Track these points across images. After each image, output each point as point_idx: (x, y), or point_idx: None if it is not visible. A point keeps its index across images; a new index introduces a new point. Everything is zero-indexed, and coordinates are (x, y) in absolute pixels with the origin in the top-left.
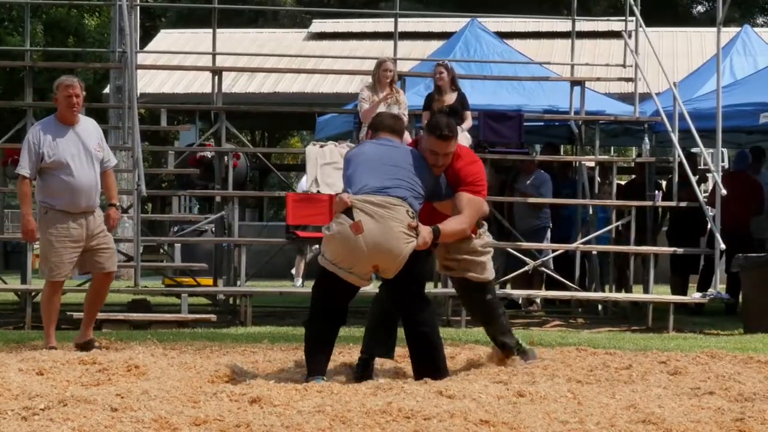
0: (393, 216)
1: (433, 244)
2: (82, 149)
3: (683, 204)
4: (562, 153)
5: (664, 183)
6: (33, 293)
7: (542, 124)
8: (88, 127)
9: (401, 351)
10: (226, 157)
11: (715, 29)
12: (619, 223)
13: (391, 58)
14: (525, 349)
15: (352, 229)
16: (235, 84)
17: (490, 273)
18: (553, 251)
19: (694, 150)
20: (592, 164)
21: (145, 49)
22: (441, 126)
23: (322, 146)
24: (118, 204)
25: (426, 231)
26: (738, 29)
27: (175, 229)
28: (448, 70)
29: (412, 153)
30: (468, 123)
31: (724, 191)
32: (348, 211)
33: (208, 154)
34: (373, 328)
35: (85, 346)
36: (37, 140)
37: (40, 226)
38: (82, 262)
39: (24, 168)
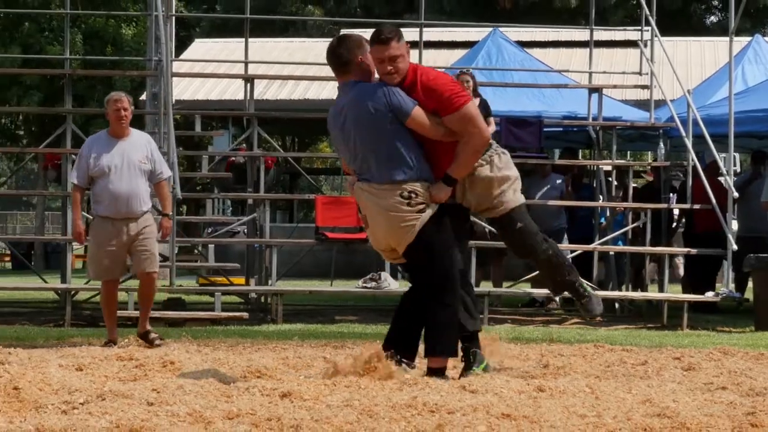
0: (383, 205)
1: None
2: (126, 160)
3: (697, 206)
4: (580, 157)
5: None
6: (72, 292)
7: (561, 129)
8: (136, 140)
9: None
10: (258, 161)
11: (727, 39)
12: (634, 224)
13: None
14: (589, 294)
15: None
16: (266, 91)
17: (511, 199)
18: (572, 252)
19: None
20: (609, 168)
21: (180, 57)
22: (378, 31)
23: None
24: (171, 214)
25: (437, 189)
26: (749, 39)
27: (209, 230)
28: (473, 77)
29: (359, 97)
30: (491, 128)
31: (736, 194)
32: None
33: (241, 159)
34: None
35: (144, 336)
36: (87, 151)
37: (89, 230)
38: (132, 264)
39: (73, 177)
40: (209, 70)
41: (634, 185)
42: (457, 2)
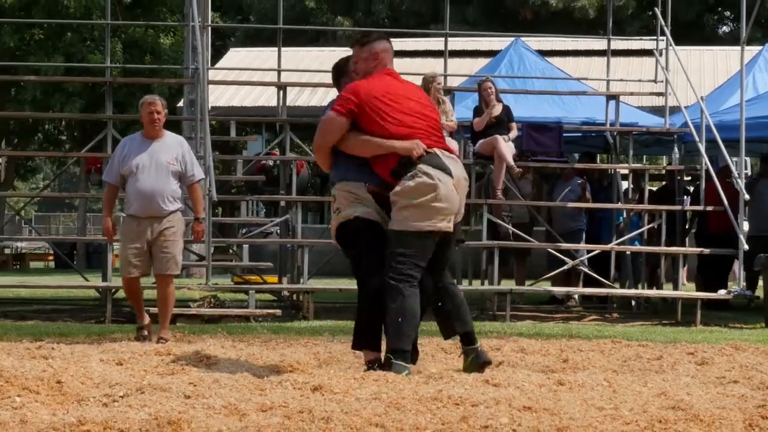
0: None
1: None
2: (154, 160)
3: (710, 208)
4: (598, 161)
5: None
6: (113, 290)
7: (580, 134)
8: (168, 142)
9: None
10: (290, 165)
11: (738, 48)
12: (650, 225)
13: (438, 74)
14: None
15: None
16: (298, 98)
17: (405, 224)
18: (590, 251)
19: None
20: (626, 171)
21: (216, 66)
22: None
23: None
24: (203, 217)
25: None
26: (760, 48)
27: (244, 231)
28: (494, 84)
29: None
30: (513, 133)
31: (747, 196)
32: None
33: (270, 163)
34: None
35: (158, 341)
36: (119, 151)
37: (119, 228)
38: (153, 264)
39: (105, 175)
40: (243, 78)
41: (650, 188)
42: (481, 13)
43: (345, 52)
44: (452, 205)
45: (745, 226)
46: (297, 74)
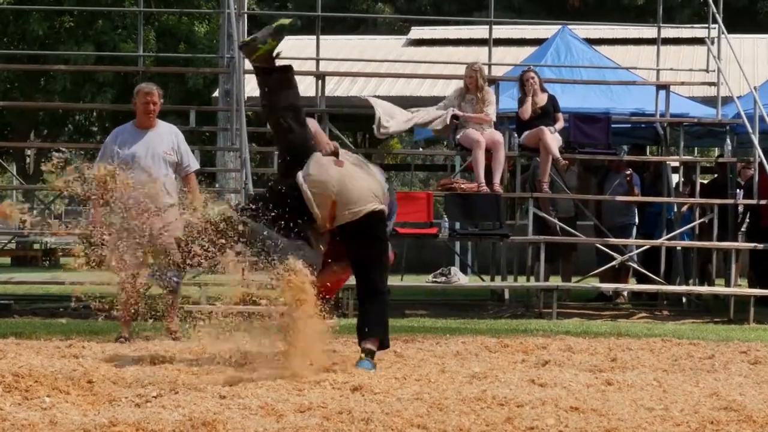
0: None
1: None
2: (150, 151)
3: (763, 202)
4: (648, 154)
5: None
6: (148, 287)
7: (629, 126)
8: (162, 132)
9: (492, 342)
10: None
11: None
12: (702, 220)
13: (475, 63)
14: None
15: None
16: (337, 88)
17: None
18: (639, 247)
19: None
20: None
21: None
22: None
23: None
24: None
25: None
26: None
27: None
28: (537, 74)
29: None
30: (559, 124)
31: None
32: None
33: None
34: None
35: (168, 331)
36: (112, 142)
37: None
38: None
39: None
40: None
41: (701, 181)
42: (527, 0)
43: (386, 40)
44: None
45: None
46: (336, 63)
